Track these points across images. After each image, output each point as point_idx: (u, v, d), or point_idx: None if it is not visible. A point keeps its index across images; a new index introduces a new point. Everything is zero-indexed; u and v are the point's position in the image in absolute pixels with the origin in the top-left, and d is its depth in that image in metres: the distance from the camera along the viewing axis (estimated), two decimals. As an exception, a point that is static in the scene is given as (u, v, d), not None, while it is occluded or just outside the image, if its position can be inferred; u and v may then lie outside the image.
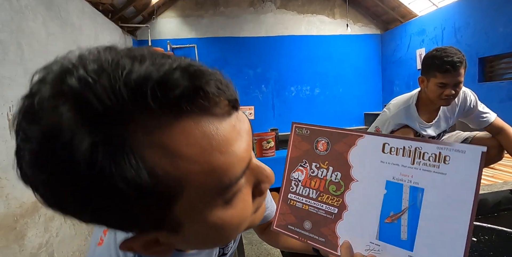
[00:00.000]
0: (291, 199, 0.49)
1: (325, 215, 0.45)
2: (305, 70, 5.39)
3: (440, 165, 0.37)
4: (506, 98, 3.30)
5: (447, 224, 0.37)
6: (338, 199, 0.44)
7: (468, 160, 0.36)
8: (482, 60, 3.61)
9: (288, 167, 0.49)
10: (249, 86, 5.32)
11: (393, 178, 0.40)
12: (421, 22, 4.59)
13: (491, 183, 1.81)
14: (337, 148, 0.45)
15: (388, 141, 0.41)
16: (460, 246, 0.36)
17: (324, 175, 0.46)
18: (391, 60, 5.39)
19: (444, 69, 1.28)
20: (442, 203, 0.37)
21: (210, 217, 0.29)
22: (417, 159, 0.39)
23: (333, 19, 5.44)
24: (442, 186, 0.37)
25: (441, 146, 0.38)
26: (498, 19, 3.31)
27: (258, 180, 0.33)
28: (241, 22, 5.20)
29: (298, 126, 0.49)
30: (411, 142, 0.40)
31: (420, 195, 0.38)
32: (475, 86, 3.63)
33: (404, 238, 0.39)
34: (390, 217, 0.40)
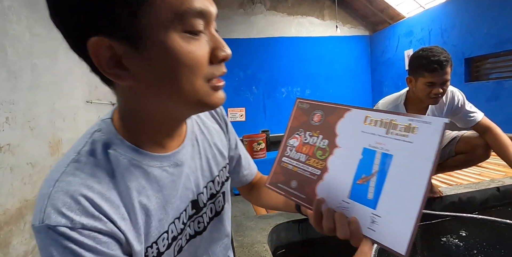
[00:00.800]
0: (284, 162, 0.55)
1: (309, 176, 0.50)
2: (295, 71, 5.41)
3: (409, 134, 0.42)
4: (492, 97, 3.37)
5: (408, 187, 0.41)
6: (322, 163, 0.50)
7: (433, 129, 0.41)
8: (468, 60, 3.69)
9: (287, 134, 0.56)
10: (240, 88, 5.31)
11: (369, 145, 0.45)
12: (409, 23, 4.66)
13: (478, 181, 1.84)
14: (329, 120, 0.51)
15: (370, 114, 0.47)
16: (417, 205, 0.40)
17: (314, 142, 0.52)
18: (380, 60, 5.46)
19: (432, 69, 1.30)
20: (406, 167, 0.42)
21: (168, 40, 0.35)
22: (391, 129, 0.44)
23: (323, 21, 5.48)
24: (408, 153, 0.42)
25: (412, 118, 0.43)
26: (483, 20, 3.39)
27: (216, 46, 0.39)
28: (231, 23, 5.20)
29: (301, 101, 0.56)
30: (388, 115, 0.45)
31: (389, 161, 0.43)
32: (461, 86, 3.70)
33: (370, 197, 0.44)
34: (362, 179, 0.45)
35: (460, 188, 1.72)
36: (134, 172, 0.42)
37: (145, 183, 0.43)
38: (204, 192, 0.54)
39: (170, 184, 0.46)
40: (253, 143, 2.35)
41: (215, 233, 0.58)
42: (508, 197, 1.70)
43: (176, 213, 0.48)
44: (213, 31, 0.40)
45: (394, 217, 0.41)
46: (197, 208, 0.53)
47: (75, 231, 0.35)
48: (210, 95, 0.41)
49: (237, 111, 5.26)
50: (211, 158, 0.57)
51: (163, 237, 0.45)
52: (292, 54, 5.39)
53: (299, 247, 1.33)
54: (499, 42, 3.23)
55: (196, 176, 0.53)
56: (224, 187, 0.61)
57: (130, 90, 0.39)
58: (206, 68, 0.39)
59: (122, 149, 0.42)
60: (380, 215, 0.42)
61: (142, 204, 0.42)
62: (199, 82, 0.38)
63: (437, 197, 1.63)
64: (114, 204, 0.39)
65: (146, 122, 0.43)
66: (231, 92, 5.29)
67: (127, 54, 0.35)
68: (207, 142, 0.57)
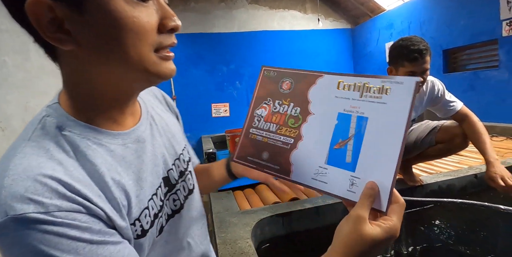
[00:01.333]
0: (252, 133, 0.53)
1: (282, 146, 0.49)
2: (279, 65, 5.23)
3: (382, 96, 0.43)
4: (468, 87, 3.47)
5: (384, 146, 0.42)
6: (295, 131, 0.49)
7: (405, 89, 0.41)
8: (445, 52, 3.77)
9: (253, 105, 0.54)
10: (223, 83, 5.25)
11: (344, 110, 0.45)
12: (389, 16, 4.72)
13: (457, 169, 1.89)
14: (299, 87, 0.50)
15: (343, 79, 0.46)
16: (393, 163, 0.40)
17: (285, 110, 0.50)
18: (362, 53, 5.51)
19: (412, 58, 1.31)
20: (382, 129, 0.42)
21: (111, 2, 0.34)
22: (364, 92, 0.44)
23: (305, 14, 5.47)
24: (382, 114, 0.42)
25: (384, 80, 0.43)
26: (459, 13, 3.46)
27: (164, 15, 0.39)
28: (212, 18, 5.11)
29: (267, 68, 0.55)
30: (361, 78, 0.45)
31: (364, 123, 0.43)
32: (440, 77, 3.76)
33: (349, 161, 0.44)
34: (339, 143, 0.45)
35: (440, 176, 1.76)
36: (97, 150, 0.40)
37: (112, 160, 0.41)
38: (173, 169, 0.54)
39: (136, 160, 0.45)
40: (235, 137, 2.33)
41: (193, 212, 0.58)
42: (485, 183, 1.75)
43: (152, 189, 0.47)
44: (162, 1, 0.40)
45: (373, 177, 0.42)
46: (169, 186, 0.52)
47: (49, 215, 0.32)
48: (158, 64, 0.40)
49: (221, 107, 5.22)
50: (171, 137, 0.56)
51: (145, 213, 0.44)
52: (275, 48, 5.37)
53: (283, 240, 1.33)
54: (474, 34, 3.31)
55: (162, 153, 0.52)
56: (190, 167, 0.61)
57: (75, 59, 0.38)
58: (153, 36, 0.38)
59: (78, 130, 0.40)
60: (360, 177, 0.43)
61: (115, 180, 0.41)
62: (146, 50, 0.38)
63: (418, 185, 1.66)
64: (84, 183, 0.37)
65: (96, 96, 0.41)
66: (214, 88, 5.23)
67: (69, 17, 0.35)
68: (164, 122, 0.56)
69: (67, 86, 0.42)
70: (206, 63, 5.13)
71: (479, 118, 1.53)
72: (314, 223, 1.38)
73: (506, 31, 2.98)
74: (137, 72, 0.39)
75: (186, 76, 5.06)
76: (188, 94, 5.08)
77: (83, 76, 0.39)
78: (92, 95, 0.41)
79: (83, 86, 0.40)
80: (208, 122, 5.14)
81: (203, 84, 5.16)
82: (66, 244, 0.32)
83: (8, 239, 0.32)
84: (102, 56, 0.37)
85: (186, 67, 5.03)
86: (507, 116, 3.06)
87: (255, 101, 0.54)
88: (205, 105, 5.15)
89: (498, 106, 3.15)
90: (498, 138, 2.78)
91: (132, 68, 0.38)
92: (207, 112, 5.19)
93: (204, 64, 5.13)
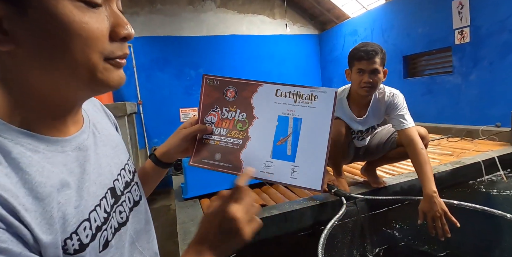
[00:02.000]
0: (205, 139, 0.60)
1: (232, 146, 0.57)
2: (248, 69, 5.39)
3: (312, 102, 0.54)
4: (426, 91, 3.67)
5: (316, 140, 0.53)
6: (243, 133, 0.57)
7: (328, 96, 0.53)
8: (405, 58, 3.97)
9: (202, 112, 0.60)
10: (191, 87, 5.15)
11: (282, 113, 0.55)
12: (353, 23, 4.90)
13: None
14: (243, 95, 0.57)
15: (279, 88, 0.56)
16: (324, 152, 0.53)
17: (233, 116, 0.58)
18: (328, 59, 5.67)
19: (359, 56, 1.42)
20: (313, 126, 0.54)
21: (58, 5, 0.32)
22: (298, 99, 0.55)
23: (273, 19, 5.53)
24: (312, 116, 0.54)
25: (312, 89, 0.54)
26: (417, 21, 3.67)
27: (117, 22, 0.38)
28: (180, 20, 5.01)
29: (209, 77, 0.59)
30: (294, 88, 0.55)
31: (299, 123, 0.54)
32: (400, 82, 3.98)
33: (289, 153, 0.54)
34: (280, 140, 0.55)
35: (402, 177, 1.83)
36: (33, 157, 0.36)
37: (51, 167, 0.38)
38: (118, 179, 0.52)
39: (78, 168, 0.42)
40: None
41: (138, 225, 0.55)
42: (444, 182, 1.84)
43: (95, 200, 0.44)
44: (115, 8, 0.39)
45: (309, 164, 0.53)
46: (115, 197, 0.50)
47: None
48: (107, 72, 0.38)
49: (189, 112, 5.10)
50: (115, 146, 0.55)
51: (84, 225, 0.40)
52: (244, 52, 5.37)
53: (250, 249, 1.29)
54: (431, 41, 3.53)
55: (107, 162, 0.50)
56: (136, 178, 0.59)
57: (12, 58, 0.35)
58: (104, 44, 0.37)
59: (9, 135, 0.35)
60: (299, 165, 0.54)
61: (51, 189, 0.37)
62: (95, 57, 0.36)
63: (382, 187, 1.71)
64: (11, 193, 0.32)
65: (34, 100, 0.38)
66: (182, 92, 5.11)
67: (8, 17, 0.32)
68: (107, 132, 0.55)
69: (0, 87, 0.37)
70: (173, 67, 5.01)
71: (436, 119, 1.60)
72: (282, 229, 1.37)
73: (458, 39, 3.20)
74: (83, 80, 0.37)
75: (152, 80, 4.90)
76: (155, 98, 4.92)
77: (20, 76, 0.36)
78: (29, 97, 0.37)
79: (19, 86, 0.37)
80: (176, 127, 4.88)
81: (170, 88, 5.02)
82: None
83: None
84: (44, 59, 0.35)
85: (152, 71, 4.88)
86: (461, 118, 3.27)
87: (203, 109, 0.60)
88: (173, 110, 5.02)
89: (453, 108, 3.37)
90: (454, 139, 2.96)
91: (78, 75, 0.36)
92: (175, 117, 5.05)
93: (171, 68, 5.00)
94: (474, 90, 3.13)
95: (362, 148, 1.81)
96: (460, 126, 3.17)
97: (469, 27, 3.06)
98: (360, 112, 1.59)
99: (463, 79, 3.22)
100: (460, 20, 3.13)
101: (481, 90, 3.06)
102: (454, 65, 3.30)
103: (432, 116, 3.57)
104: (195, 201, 1.64)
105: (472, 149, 2.45)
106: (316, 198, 1.54)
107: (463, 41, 3.15)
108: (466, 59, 3.16)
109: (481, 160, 2.04)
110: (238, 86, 0.58)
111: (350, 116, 1.59)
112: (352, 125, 1.62)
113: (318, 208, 1.48)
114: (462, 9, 3.09)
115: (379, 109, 1.57)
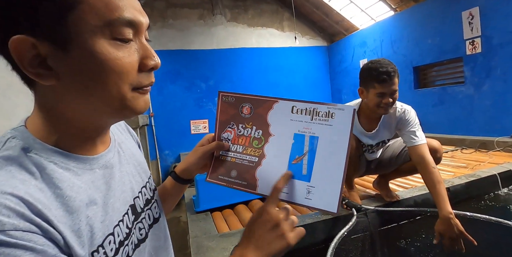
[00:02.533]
0: (222, 155, 0.60)
1: (248, 164, 0.57)
2: (257, 82, 5.46)
3: (329, 119, 0.52)
4: (438, 102, 3.64)
5: (332, 160, 0.51)
6: (258, 151, 0.56)
7: (346, 114, 0.52)
8: (416, 69, 3.96)
9: (218, 129, 0.60)
10: (202, 99, 5.24)
11: (298, 131, 0.54)
12: (362, 35, 4.94)
13: (431, 183, 1.94)
14: (259, 111, 0.57)
15: (295, 104, 0.55)
16: (341, 172, 0.50)
17: (249, 133, 0.57)
18: (337, 70, 5.70)
19: (382, 79, 1.36)
20: (330, 145, 0.52)
21: (96, 45, 0.36)
22: (314, 116, 0.53)
23: (282, 32, 5.63)
24: (329, 134, 0.52)
25: (330, 107, 0.53)
26: (427, 31, 3.68)
27: (145, 54, 0.42)
28: (191, 34, 5.15)
29: (224, 94, 0.60)
30: (311, 105, 0.54)
31: (316, 141, 0.53)
32: (411, 93, 3.96)
33: (305, 173, 0.52)
34: (296, 159, 0.53)
35: (415, 190, 1.80)
36: (64, 174, 0.39)
37: (80, 184, 0.41)
38: (139, 196, 0.54)
39: (104, 185, 0.45)
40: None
41: (156, 242, 0.57)
42: (458, 196, 1.80)
43: (118, 215, 0.46)
44: (144, 41, 0.42)
45: (325, 185, 0.51)
46: (136, 214, 0.52)
47: (4, 233, 0.30)
48: (135, 100, 0.42)
49: (200, 123, 5.17)
50: (137, 165, 0.57)
51: (109, 239, 0.43)
52: (253, 64, 5.45)
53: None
54: (441, 51, 3.52)
55: (129, 180, 0.52)
56: (156, 195, 0.61)
57: (53, 92, 0.39)
58: (133, 76, 0.40)
59: (44, 153, 0.39)
60: (314, 186, 0.52)
61: (80, 204, 0.39)
62: (125, 88, 0.40)
63: (394, 201, 1.68)
64: (45, 205, 0.35)
65: (69, 125, 0.42)
66: (193, 104, 5.19)
67: (52, 55, 0.36)
68: (130, 151, 0.57)
69: (39, 112, 0.42)
70: (184, 80, 5.12)
71: (448, 130, 1.57)
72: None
73: (469, 50, 3.18)
74: (114, 108, 0.40)
75: (164, 93, 5.01)
76: (166, 111, 5.01)
77: (58, 106, 0.40)
78: (64, 123, 0.41)
79: (57, 114, 0.41)
80: (187, 139, 5.07)
81: (181, 100, 5.12)
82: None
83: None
84: (82, 92, 0.38)
85: (164, 84, 4.99)
86: (475, 129, 3.21)
87: (219, 126, 0.60)
88: (184, 122, 5.09)
89: (466, 119, 3.32)
90: (468, 151, 2.90)
91: (110, 105, 0.40)
92: (186, 129, 5.12)
93: (183, 81, 5.11)
94: (487, 101, 3.09)
95: (374, 161, 1.79)
96: (474, 137, 3.11)
97: (480, 37, 3.05)
98: (371, 126, 1.58)
99: (476, 89, 3.19)
100: (471, 31, 3.12)
101: (495, 100, 3.01)
102: (465, 75, 3.27)
103: (444, 127, 3.52)
104: (207, 214, 1.64)
105: (487, 161, 2.39)
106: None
107: (474, 52, 3.13)
108: (478, 69, 3.13)
109: (497, 172, 1.99)
110: (254, 102, 0.57)
111: (360, 130, 1.59)
112: (362, 138, 1.61)
113: (331, 222, 1.47)
114: (472, 20, 3.09)
115: (390, 124, 1.56)
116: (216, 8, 5.29)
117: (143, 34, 0.43)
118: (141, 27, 0.41)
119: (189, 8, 5.14)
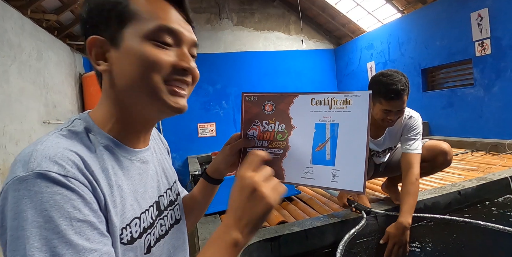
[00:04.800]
0: (249, 152, 0.61)
1: (274, 156, 0.59)
2: (264, 85, 5.48)
3: (347, 106, 0.55)
4: (447, 104, 3.60)
5: (354, 142, 0.54)
6: (283, 143, 0.59)
7: (362, 99, 0.54)
8: (424, 71, 3.93)
9: (244, 127, 0.63)
10: (209, 103, 5.27)
11: (319, 120, 0.57)
12: (369, 37, 4.92)
13: (441, 185, 1.91)
14: (280, 107, 0.60)
15: (314, 97, 0.58)
16: (363, 153, 0.53)
17: (273, 128, 0.61)
18: (344, 73, 5.68)
19: (389, 98, 1.33)
20: (350, 130, 0.55)
21: (142, 45, 0.45)
22: (333, 105, 0.56)
23: (289, 35, 5.64)
24: (348, 120, 0.55)
25: (346, 94, 0.56)
26: (435, 33, 3.65)
27: (181, 58, 0.48)
28: (198, 39, 4.88)
29: (247, 94, 0.63)
30: (328, 95, 0.57)
31: (336, 128, 0.56)
32: (420, 95, 3.92)
33: (328, 158, 0.56)
34: (319, 146, 0.57)
35: (425, 194, 1.78)
36: (110, 156, 0.47)
37: (118, 168, 0.48)
38: (164, 196, 0.59)
39: (137, 176, 0.51)
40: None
41: (176, 241, 0.60)
42: (469, 199, 1.77)
43: (145, 205, 0.52)
44: (185, 50, 0.49)
45: (349, 167, 0.54)
46: (159, 210, 0.56)
47: (67, 179, 0.37)
48: (167, 95, 0.47)
49: (207, 127, 5.20)
50: (165, 169, 0.63)
51: (135, 222, 0.48)
52: (260, 68, 5.47)
53: (272, 267, 1.28)
54: (450, 53, 3.48)
55: (157, 179, 0.58)
56: (179, 199, 0.65)
57: (110, 79, 0.48)
58: (167, 70, 0.46)
59: (100, 137, 0.47)
60: (339, 169, 0.55)
61: (117, 184, 0.46)
62: (157, 79, 0.46)
63: (404, 205, 1.66)
64: (96, 170, 0.43)
65: (124, 112, 0.50)
66: (200, 108, 5.23)
67: (109, 50, 0.47)
68: (161, 156, 0.64)
69: (103, 101, 0.51)
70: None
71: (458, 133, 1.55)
72: (303, 247, 1.35)
73: (478, 51, 3.15)
74: (152, 97, 0.47)
75: (172, 96, 5.05)
76: (174, 114, 5.05)
77: (115, 94, 0.49)
78: (120, 111, 0.49)
79: (115, 102, 0.49)
80: (194, 142, 5.10)
81: (189, 104, 4.98)
82: (67, 211, 0.36)
83: (21, 192, 0.36)
84: (128, 79, 0.46)
85: (172, 87, 5.04)
86: (485, 131, 3.17)
87: (245, 125, 0.63)
88: (191, 125, 5.13)
89: (476, 121, 3.27)
90: (478, 153, 2.86)
91: (149, 94, 0.47)
92: (193, 132, 5.15)
93: (190, 84, 5.15)
94: (498, 102, 3.04)
95: (382, 165, 1.78)
96: (484, 139, 3.07)
97: (490, 39, 3.02)
98: (377, 133, 1.57)
99: (486, 91, 3.15)
100: (480, 32, 3.10)
101: (506, 102, 2.97)
102: (475, 77, 3.23)
103: (454, 129, 3.48)
104: (215, 217, 1.65)
105: (498, 164, 2.35)
106: (337, 215, 1.52)
107: (484, 53, 3.10)
108: (488, 71, 3.10)
109: (509, 175, 1.96)
110: (275, 99, 0.61)
111: (366, 137, 1.57)
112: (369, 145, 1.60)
113: (340, 225, 1.46)
114: (481, 21, 3.06)
115: (396, 131, 1.54)
116: (223, 12, 5.35)
117: (185, 44, 0.49)
118: (182, 37, 0.48)
119: (196, 13, 5.20)
